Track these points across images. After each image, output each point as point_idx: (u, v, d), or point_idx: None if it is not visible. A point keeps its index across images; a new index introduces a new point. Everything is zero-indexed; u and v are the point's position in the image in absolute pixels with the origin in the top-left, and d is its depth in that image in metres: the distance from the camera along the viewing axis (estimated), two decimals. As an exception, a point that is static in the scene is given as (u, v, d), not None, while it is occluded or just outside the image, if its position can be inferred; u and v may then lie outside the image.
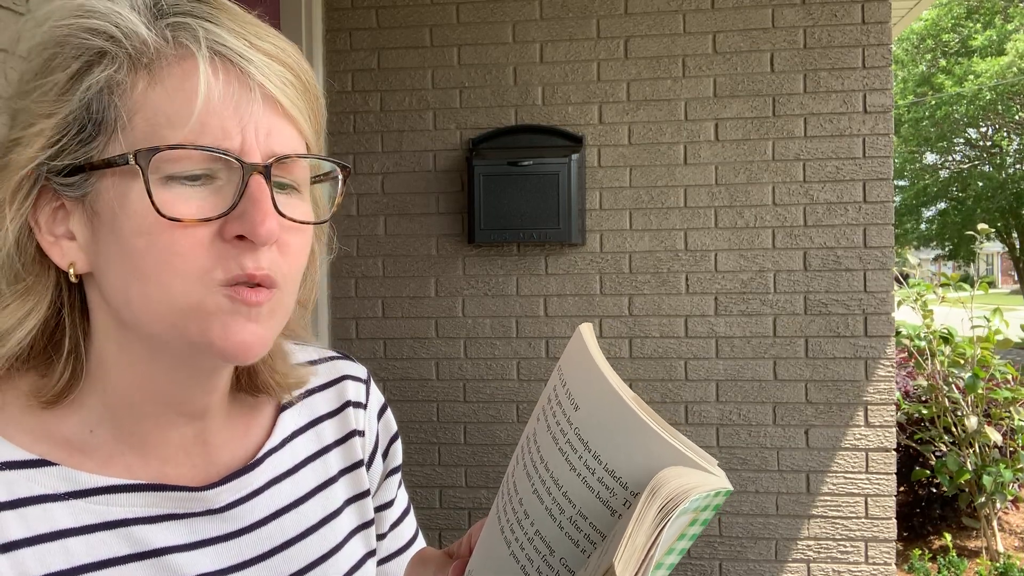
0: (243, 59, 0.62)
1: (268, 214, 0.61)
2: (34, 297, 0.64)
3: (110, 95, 0.61)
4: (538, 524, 0.57)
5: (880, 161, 3.11)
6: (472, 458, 3.28)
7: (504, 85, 3.26)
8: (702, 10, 3.17)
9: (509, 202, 3.13)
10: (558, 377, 0.59)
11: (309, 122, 0.66)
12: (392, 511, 0.89)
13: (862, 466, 3.10)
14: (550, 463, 0.57)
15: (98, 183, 0.62)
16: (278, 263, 0.63)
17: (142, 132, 0.60)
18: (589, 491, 0.55)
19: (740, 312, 3.16)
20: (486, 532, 0.63)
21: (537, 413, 0.61)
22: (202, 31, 0.61)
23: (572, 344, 0.59)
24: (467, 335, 3.28)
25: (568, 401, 0.57)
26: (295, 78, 0.65)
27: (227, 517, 0.71)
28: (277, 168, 0.63)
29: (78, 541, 0.63)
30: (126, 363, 0.66)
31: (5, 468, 0.63)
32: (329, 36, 3.34)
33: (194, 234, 0.60)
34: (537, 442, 0.59)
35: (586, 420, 0.56)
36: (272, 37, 0.65)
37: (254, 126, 0.62)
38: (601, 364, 0.56)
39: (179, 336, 0.62)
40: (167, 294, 0.61)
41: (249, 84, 0.62)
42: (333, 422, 0.83)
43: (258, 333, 0.63)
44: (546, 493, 0.57)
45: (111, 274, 0.63)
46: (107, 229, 0.62)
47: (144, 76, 0.61)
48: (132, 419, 0.67)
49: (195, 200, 0.61)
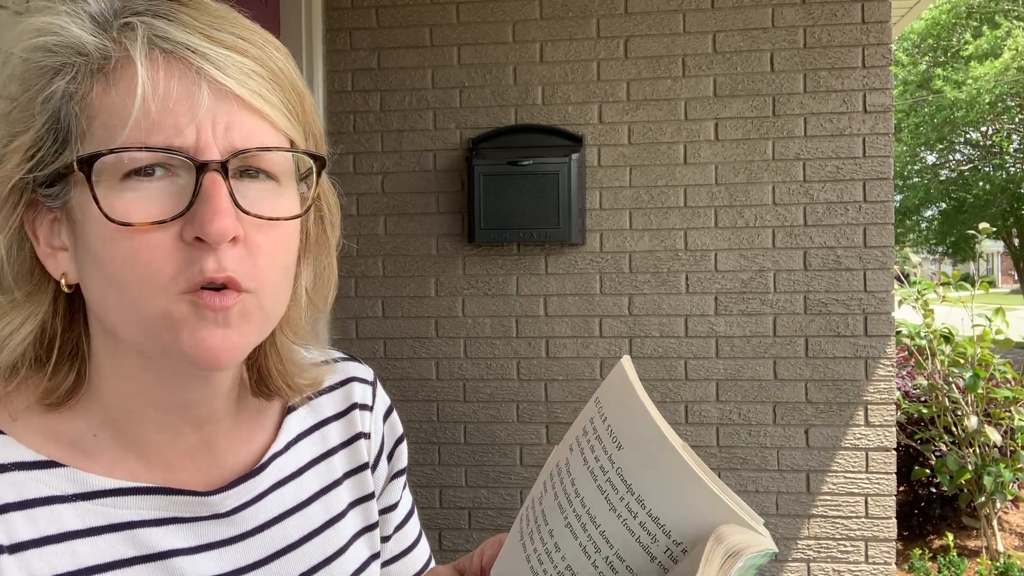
0: (194, 53, 0.60)
1: (218, 211, 0.58)
2: (30, 306, 0.64)
3: (70, 103, 0.61)
4: (570, 559, 0.56)
5: (880, 161, 3.11)
6: (472, 458, 3.28)
7: (504, 85, 3.26)
8: (702, 10, 3.17)
9: (509, 202, 3.13)
10: (596, 409, 0.58)
11: (284, 113, 0.63)
12: (397, 513, 0.88)
13: (862, 466, 3.10)
14: (587, 499, 0.56)
15: (71, 191, 0.62)
16: (245, 264, 0.61)
17: (100, 137, 0.60)
18: (629, 534, 0.54)
19: (740, 312, 3.16)
20: (508, 556, 0.62)
21: (570, 443, 0.59)
22: (143, 28, 0.60)
23: (613, 378, 0.57)
24: (467, 335, 3.28)
25: (609, 438, 0.56)
26: (261, 68, 0.62)
27: (233, 521, 0.71)
28: (243, 160, 0.61)
29: (85, 543, 0.63)
30: (121, 371, 0.66)
31: (14, 469, 0.63)
32: (329, 36, 3.34)
33: (153, 239, 0.59)
34: (572, 474, 0.58)
35: (630, 461, 0.54)
36: (237, 29, 0.63)
37: (211, 121, 0.60)
38: (647, 404, 0.54)
39: (155, 344, 0.61)
40: (136, 303, 0.60)
41: (197, 78, 0.60)
42: (339, 424, 0.82)
43: (229, 338, 0.61)
44: (581, 529, 0.56)
45: (91, 283, 0.63)
46: (81, 239, 0.62)
47: (101, 81, 0.61)
48: (134, 425, 0.67)
49: (154, 203, 0.59)
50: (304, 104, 0.66)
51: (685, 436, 3.15)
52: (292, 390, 0.75)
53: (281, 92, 0.63)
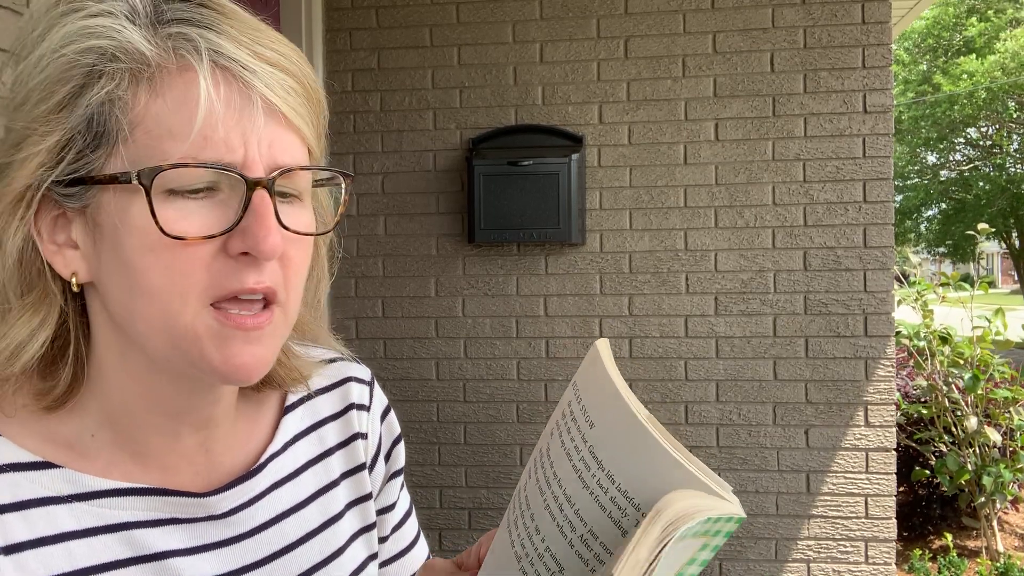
0: (246, 70, 0.61)
1: (272, 229, 0.60)
2: (44, 309, 0.64)
3: (111, 108, 0.60)
4: (549, 541, 0.57)
5: (880, 161, 3.11)
6: (472, 458, 3.28)
7: (504, 85, 3.26)
8: (702, 10, 3.17)
9: (509, 202, 3.13)
10: (573, 393, 0.59)
11: (312, 128, 0.66)
12: (394, 514, 0.88)
13: (862, 466, 3.10)
14: (563, 480, 0.57)
15: (99, 195, 0.61)
16: (279, 277, 0.63)
17: (144, 145, 0.60)
18: (601, 510, 0.54)
19: (740, 312, 3.16)
20: (496, 544, 0.62)
21: (551, 428, 0.60)
22: (203, 42, 0.60)
23: (588, 359, 0.58)
24: (467, 335, 3.28)
25: (583, 418, 0.57)
26: (298, 84, 0.64)
27: (229, 522, 0.70)
28: (280, 179, 0.62)
29: (80, 544, 0.63)
30: (127, 373, 0.66)
31: (10, 470, 0.63)
32: (329, 36, 3.34)
33: (196, 252, 0.60)
34: (551, 457, 0.58)
35: (601, 438, 0.55)
36: (275, 44, 0.64)
37: (257, 138, 0.61)
38: (617, 382, 0.55)
39: (181, 356, 0.62)
40: (166, 313, 0.60)
41: (251, 95, 0.61)
42: (336, 425, 0.82)
43: (258, 353, 0.63)
44: (558, 510, 0.56)
45: (114, 287, 0.62)
46: (109, 243, 0.61)
47: (146, 89, 0.60)
48: (133, 427, 0.67)
49: (198, 216, 0.60)
50: (324, 114, 0.69)
51: (685, 436, 3.15)
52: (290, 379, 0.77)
53: (311, 107, 0.66)
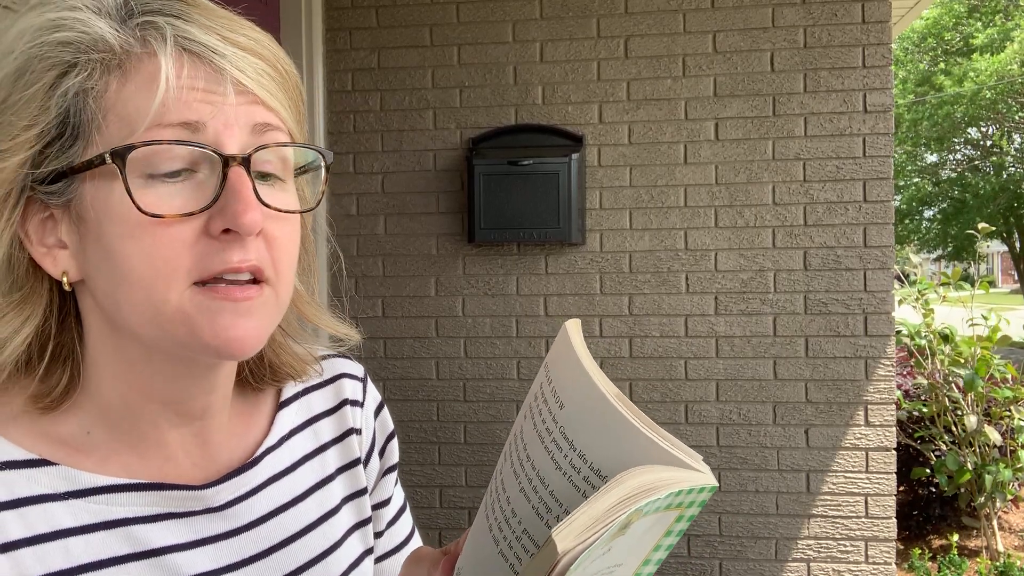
0: (216, 54, 0.62)
1: (250, 204, 0.61)
2: (29, 307, 0.65)
3: (85, 99, 0.61)
4: (525, 523, 0.57)
5: (880, 160, 3.11)
6: (472, 458, 3.28)
7: (504, 84, 3.26)
8: (702, 9, 3.17)
9: (509, 201, 3.13)
10: (544, 374, 0.59)
11: (289, 112, 0.66)
12: (389, 509, 0.89)
13: (862, 465, 3.10)
14: (536, 461, 0.57)
15: (80, 188, 0.62)
16: (265, 255, 0.63)
17: (116, 130, 0.60)
18: (575, 490, 0.55)
19: (740, 312, 3.16)
20: (475, 529, 0.62)
21: (524, 411, 0.61)
22: (170, 29, 0.61)
23: (558, 340, 0.58)
24: (467, 334, 3.28)
25: (554, 399, 0.57)
26: (271, 68, 0.65)
27: (227, 515, 0.71)
28: (259, 159, 0.63)
29: (78, 541, 0.63)
30: (122, 366, 0.66)
31: (5, 468, 0.63)
32: (329, 35, 3.34)
33: (178, 232, 0.60)
34: (524, 440, 0.59)
35: (571, 418, 0.55)
36: (246, 30, 0.65)
37: (230, 116, 0.62)
38: (585, 361, 0.55)
39: (169, 338, 0.62)
40: (152, 298, 0.61)
41: (222, 78, 0.62)
42: (330, 420, 0.83)
43: (250, 327, 0.63)
44: (533, 492, 0.57)
45: (100, 279, 0.63)
46: (93, 235, 0.62)
47: (117, 77, 0.61)
48: (129, 420, 0.67)
49: (179, 197, 0.61)
50: (303, 103, 0.70)
51: (685, 436, 3.15)
52: (288, 369, 0.77)
53: (286, 91, 0.67)
